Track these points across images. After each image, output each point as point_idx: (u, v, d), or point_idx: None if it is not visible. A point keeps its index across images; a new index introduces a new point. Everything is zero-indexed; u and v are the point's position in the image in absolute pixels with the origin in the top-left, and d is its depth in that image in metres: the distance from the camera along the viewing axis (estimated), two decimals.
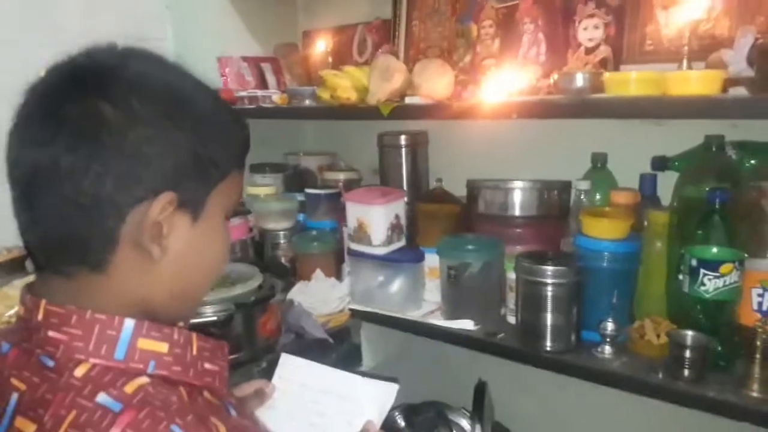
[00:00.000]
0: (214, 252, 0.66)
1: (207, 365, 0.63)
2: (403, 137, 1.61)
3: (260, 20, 1.88)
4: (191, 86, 0.64)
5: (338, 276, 1.58)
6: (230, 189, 0.66)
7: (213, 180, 0.63)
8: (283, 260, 1.69)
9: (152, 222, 0.58)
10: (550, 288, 1.15)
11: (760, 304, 1.04)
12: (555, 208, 1.36)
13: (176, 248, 0.61)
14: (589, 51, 1.32)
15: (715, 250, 1.03)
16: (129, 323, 0.58)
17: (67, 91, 0.57)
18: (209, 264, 0.67)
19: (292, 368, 0.94)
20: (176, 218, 0.60)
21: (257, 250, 1.73)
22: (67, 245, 0.58)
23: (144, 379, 0.56)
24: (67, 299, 0.59)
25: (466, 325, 1.31)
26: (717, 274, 1.01)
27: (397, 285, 1.45)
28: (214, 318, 1.25)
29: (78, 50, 0.61)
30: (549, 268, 1.14)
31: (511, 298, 1.29)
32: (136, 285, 0.61)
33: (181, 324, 0.66)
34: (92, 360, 0.57)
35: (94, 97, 0.56)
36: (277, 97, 1.63)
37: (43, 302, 0.59)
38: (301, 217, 1.73)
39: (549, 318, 1.16)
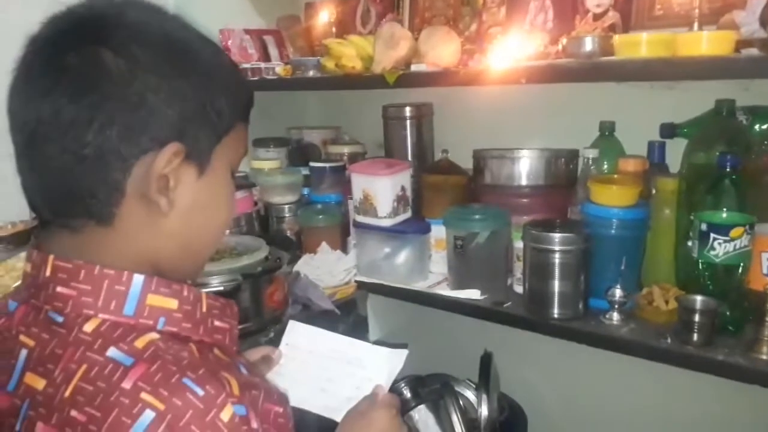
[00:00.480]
0: (220, 207, 0.66)
1: (217, 323, 0.62)
2: (407, 109, 1.60)
3: None
4: (193, 36, 0.62)
5: (344, 249, 1.58)
6: (235, 143, 0.65)
7: (218, 132, 0.62)
8: (288, 233, 1.68)
9: (158, 173, 0.57)
10: (558, 255, 1.15)
11: None
12: (562, 177, 1.35)
13: (183, 202, 0.60)
14: (597, 17, 1.30)
15: (725, 214, 1.03)
16: (138, 279, 0.58)
17: (66, 41, 0.56)
18: (215, 220, 0.66)
19: (299, 335, 0.94)
20: (182, 170, 0.59)
21: (262, 223, 1.72)
22: (72, 198, 0.57)
23: (154, 335, 0.56)
24: (75, 254, 0.58)
25: (473, 294, 1.30)
26: (727, 238, 1.01)
27: (403, 256, 1.44)
28: (221, 288, 1.25)
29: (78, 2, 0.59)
30: (557, 236, 1.14)
31: (518, 268, 1.29)
32: (143, 239, 0.60)
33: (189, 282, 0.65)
34: (101, 315, 0.56)
35: (94, 45, 0.55)
36: (280, 69, 1.62)
37: (51, 258, 0.58)
38: (305, 191, 1.72)
39: (557, 285, 1.16)
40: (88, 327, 0.55)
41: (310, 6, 1.87)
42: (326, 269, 1.50)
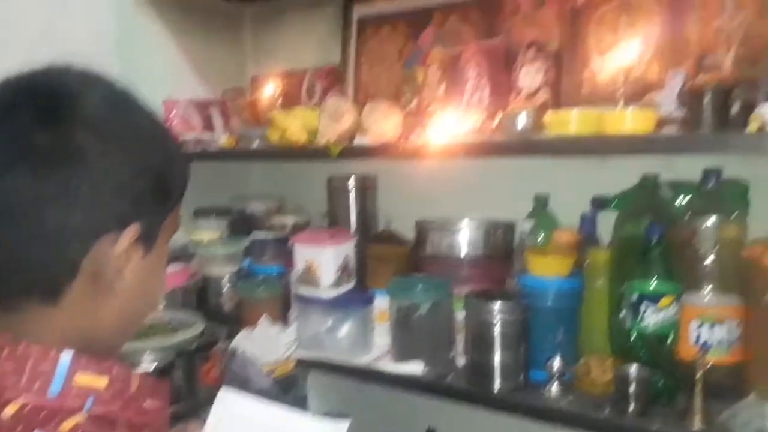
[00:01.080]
0: (158, 283, 0.66)
1: (148, 403, 0.59)
2: (351, 179, 1.62)
3: (209, 65, 1.88)
4: (147, 114, 0.63)
5: (285, 322, 1.54)
6: (174, 221, 0.65)
7: (166, 211, 0.62)
8: (227, 307, 1.63)
9: (117, 255, 0.56)
10: (497, 326, 1.15)
11: (698, 337, 1.05)
12: (500, 248, 1.37)
13: (128, 280, 0.59)
14: (530, 95, 1.36)
15: (654, 283, 1.06)
16: (66, 357, 0.55)
17: (32, 115, 0.54)
18: (153, 295, 0.67)
19: (231, 405, 0.89)
20: (133, 250, 0.58)
21: (200, 297, 1.67)
22: (19, 276, 0.55)
23: (80, 417, 0.53)
24: (6, 332, 0.55)
25: (415, 368, 1.28)
26: (657, 308, 1.03)
27: (345, 329, 1.41)
28: (154, 365, 1.20)
29: (32, 69, 0.58)
30: (496, 305, 1.15)
31: (460, 340, 1.28)
32: (85, 317, 0.58)
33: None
34: (24, 397, 0.52)
35: (65, 122, 0.54)
36: (224, 139, 1.62)
37: None
38: (246, 262, 1.69)
39: (497, 357, 1.16)
40: (9, 411, 0.51)
41: (256, 79, 1.90)
42: (265, 344, 1.45)
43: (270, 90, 1.78)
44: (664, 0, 1.24)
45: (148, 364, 1.22)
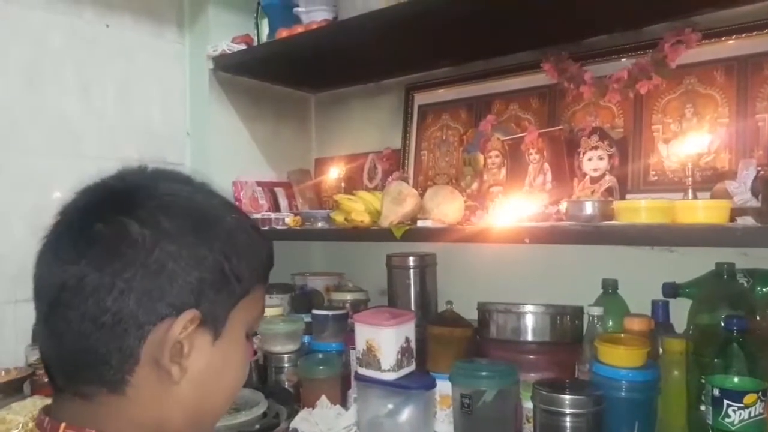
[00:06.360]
0: (233, 371, 0.65)
1: None
2: (411, 258, 1.63)
3: (275, 147, 1.98)
4: (216, 204, 0.66)
5: (344, 402, 1.53)
6: (253, 305, 0.66)
7: (236, 296, 0.63)
8: (287, 385, 1.64)
9: (173, 341, 0.58)
10: (569, 418, 1.11)
11: None
12: (568, 333, 1.34)
13: (196, 368, 0.60)
14: (594, 180, 1.37)
15: (737, 379, 1.01)
16: None
17: (96, 211, 0.59)
18: (228, 384, 0.66)
19: None
20: (197, 336, 0.60)
21: (260, 374, 1.68)
22: (86, 365, 0.57)
23: None
24: (86, 422, 0.57)
25: None
26: (741, 405, 0.99)
27: (406, 414, 1.39)
28: None
29: (110, 173, 0.63)
30: (568, 398, 1.11)
31: (527, 430, 1.24)
32: (153, 406, 0.59)
33: None
34: None
35: (122, 216, 0.58)
36: (289, 219, 1.67)
37: (63, 425, 0.57)
38: (306, 338, 1.70)
39: None
40: None
41: (320, 161, 1.98)
42: (325, 426, 1.43)
43: (333, 172, 1.85)
44: (730, 89, 1.26)
45: None
